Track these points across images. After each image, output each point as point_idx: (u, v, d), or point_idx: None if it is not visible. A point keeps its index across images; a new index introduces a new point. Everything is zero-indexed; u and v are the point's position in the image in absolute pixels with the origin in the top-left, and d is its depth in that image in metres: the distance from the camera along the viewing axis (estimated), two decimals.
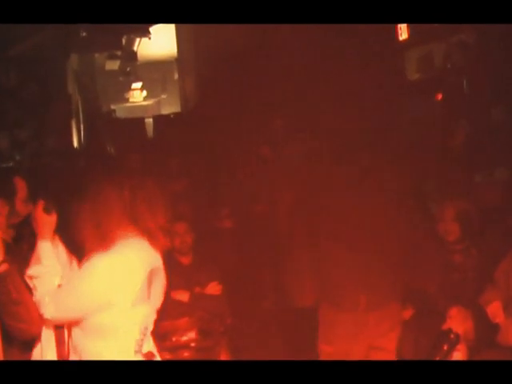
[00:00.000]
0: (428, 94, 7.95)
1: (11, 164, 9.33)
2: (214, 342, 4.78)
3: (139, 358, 2.94)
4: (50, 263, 2.94)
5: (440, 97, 7.86)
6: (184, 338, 4.64)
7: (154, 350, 3.08)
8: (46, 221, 2.98)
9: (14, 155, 10.00)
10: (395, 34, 8.48)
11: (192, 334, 4.67)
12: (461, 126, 6.54)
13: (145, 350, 2.98)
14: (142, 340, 2.96)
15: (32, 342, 3.04)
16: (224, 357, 4.89)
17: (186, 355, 4.60)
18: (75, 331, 2.96)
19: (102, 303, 2.85)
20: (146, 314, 2.95)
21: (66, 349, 2.99)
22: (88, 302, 2.86)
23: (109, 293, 2.84)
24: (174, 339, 4.58)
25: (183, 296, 4.70)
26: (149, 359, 2.97)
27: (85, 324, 2.91)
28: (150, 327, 3.03)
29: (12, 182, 3.24)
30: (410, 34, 8.47)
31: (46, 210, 2.98)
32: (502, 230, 4.74)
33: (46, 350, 2.99)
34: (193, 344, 4.66)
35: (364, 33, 7.61)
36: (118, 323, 2.88)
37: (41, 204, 3.00)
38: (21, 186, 3.26)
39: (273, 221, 5.80)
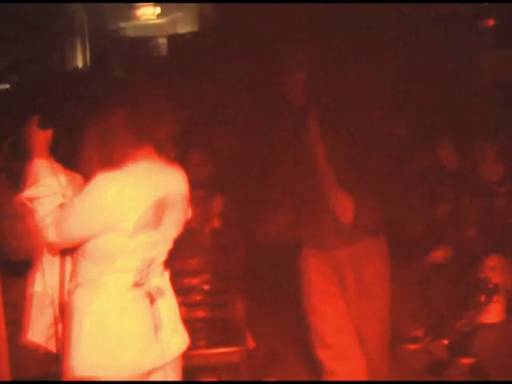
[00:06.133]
0: None
1: (8, 86, 9.36)
2: (228, 285, 4.83)
3: (140, 291, 2.96)
4: (48, 182, 2.92)
5: None
6: (196, 280, 4.72)
7: (168, 286, 3.13)
8: (41, 137, 2.99)
9: (12, 77, 10.02)
10: None
11: (205, 276, 4.75)
12: None
13: (152, 284, 3.02)
14: (147, 272, 2.99)
15: (28, 264, 3.06)
16: (239, 303, 4.98)
17: (197, 299, 4.69)
18: (75, 255, 3.01)
19: (105, 226, 2.85)
20: (149, 243, 2.94)
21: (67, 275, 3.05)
22: (90, 225, 2.85)
23: (112, 216, 2.83)
24: (185, 281, 4.66)
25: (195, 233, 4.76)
26: (156, 295, 3.01)
27: (85, 248, 2.93)
28: (160, 259, 3.07)
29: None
30: None
31: (41, 125, 2.99)
32: None
33: (48, 276, 3.04)
34: (206, 287, 4.73)
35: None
36: (116, 249, 2.89)
37: (35, 119, 3.01)
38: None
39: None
